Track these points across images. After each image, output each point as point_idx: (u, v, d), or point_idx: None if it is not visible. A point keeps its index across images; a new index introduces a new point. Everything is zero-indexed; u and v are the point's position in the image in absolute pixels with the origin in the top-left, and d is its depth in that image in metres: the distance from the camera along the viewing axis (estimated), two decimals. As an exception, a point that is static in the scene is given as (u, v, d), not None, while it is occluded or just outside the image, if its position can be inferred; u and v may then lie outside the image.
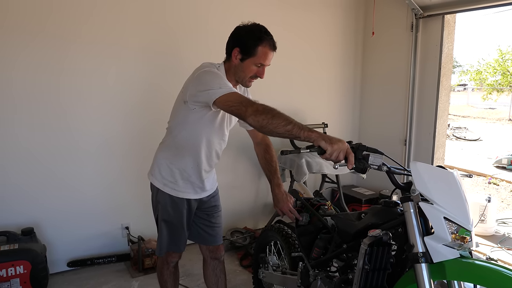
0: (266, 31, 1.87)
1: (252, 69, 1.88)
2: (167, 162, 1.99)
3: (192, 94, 1.82)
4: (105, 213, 3.11)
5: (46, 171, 2.85)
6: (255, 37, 1.84)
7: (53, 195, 2.89)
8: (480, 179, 6.97)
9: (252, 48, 1.84)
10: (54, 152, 2.87)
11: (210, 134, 1.96)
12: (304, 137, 1.48)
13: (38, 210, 2.85)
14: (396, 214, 1.50)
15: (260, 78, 1.93)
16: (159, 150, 2.07)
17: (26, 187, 2.80)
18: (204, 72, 1.82)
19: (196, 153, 1.96)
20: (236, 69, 1.91)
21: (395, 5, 3.87)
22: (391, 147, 4.10)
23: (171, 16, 3.17)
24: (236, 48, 1.87)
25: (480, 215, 3.97)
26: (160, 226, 2.04)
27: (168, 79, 3.16)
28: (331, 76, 4.21)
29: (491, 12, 26.54)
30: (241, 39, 1.87)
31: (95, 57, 2.92)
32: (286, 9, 3.73)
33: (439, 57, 3.66)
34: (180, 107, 1.93)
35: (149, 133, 3.11)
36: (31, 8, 2.65)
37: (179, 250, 2.10)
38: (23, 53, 2.68)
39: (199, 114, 1.87)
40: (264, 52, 1.85)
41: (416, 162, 1.37)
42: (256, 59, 1.85)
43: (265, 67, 1.91)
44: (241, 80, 1.94)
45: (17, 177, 2.77)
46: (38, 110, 2.78)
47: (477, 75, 20.20)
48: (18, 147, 2.75)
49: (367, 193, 4.09)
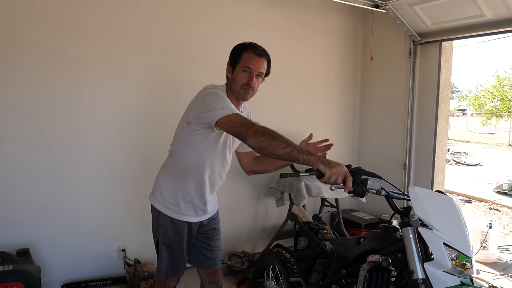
0: (253, 43, 1.97)
1: (242, 76, 1.91)
2: (170, 185, 1.99)
3: (195, 115, 1.84)
4: (102, 234, 3.07)
5: (43, 192, 2.84)
6: (240, 46, 1.97)
7: (49, 215, 2.87)
8: (481, 205, 6.92)
9: (237, 56, 1.94)
10: (51, 173, 2.86)
11: (213, 156, 1.96)
12: (303, 160, 1.49)
13: (34, 230, 2.82)
14: (395, 239, 1.49)
15: (251, 85, 1.91)
16: (161, 172, 2.06)
17: (23, 207, 2.78)
18: (207, 93, 1.85)
19: (199, 175, 1.96)
20: (231, 83, 1.97)
21: (393, 32, 3.95)
22: (390, 171, 4.09)
23: (175, 39, 3.22)
24: (228, 63, 1.99)
25: (481, 242, 3.92)
26: (160, 249, 2.02)
27: (170, 101, 3.18)
28: (330, 100, 4.24)
29: (487, 39, 27.02)
30: (231, 54, 1.99)
31: (98, 80, 2.95)
32: (287, 35, 3.80)
33: (437, 83, 3.70)
34: (184, 128, 1.95)
35: (148, 154, 3.12)
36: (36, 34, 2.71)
37: (178, 274, 2.07)
38: (26, 75, 2.72)
39: (203, 136, 1.89)
40: (248, 56, 1.91)
41: (415, 187, 1.37)
42: (242, 64, 1.91)
43: (254, 74, 1.91)
44: (236, 91, 1.95)
45: (14, 197, 2.75)
46: (35, 132, 2.79)
47: (475, 100, 20.40)
48: (16, 167, 2.75)
49: (367, 218, 4.05)
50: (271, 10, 3.68)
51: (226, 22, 3.45)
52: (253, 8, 3.59)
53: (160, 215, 1.99)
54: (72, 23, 2.83)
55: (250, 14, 3.58)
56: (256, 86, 1.96)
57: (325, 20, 4.08)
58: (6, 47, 2.65)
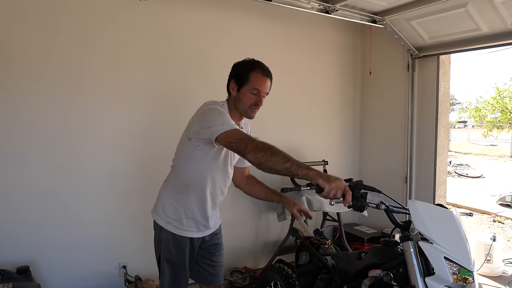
0: (260, 62, 1.98)
1: (250, 97, 1.93)
2: (172, 201, 1.99)
3: (196, 131, 1.86)
4: (102, 251, 3.05)
5: (44, 209, 2.82)
6: (246, 66, 1.96)
7: (49, 233, 2.84)
8: (484, 217, 6.87)
9: (244, 75, 1.93)
10: (52, 190, 2.85)
11: (214, 171, 1.97)
12: (302, 175, 1.49)
13: (34, 248, 2.79)
14: (396, 254, 1.48)
15: (260, 106, 1.96)
16: (163, 188, 2.07)
17: (23, 225, 2.76)
18: (208, 109, 1.87)
19: (201, 191, 1.97)
20: (235, 101, 1.97)
21: (391, 46, 3.99)
22: (391, 184, 4.08)
23: (176, 55, 3.26)
24: (232, 80, 1.97)
25: (485, 255, 3.88)
26: (162, 265, 2.01)
27: (171, 118, 3.20)
28: (330, 114, 4.27)
29: (485, 52, 27.23)
30: (235, 71, 1.99)
31: (99, 94, 2.98)
32: (287, 51, 3.84)
33: (436, 96, 3.72)
34: (185, 144, 1.96)
35: (149, 170, 3.13)
36: (37, 45, 2.75)
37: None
38: (33, 90, 2.75)
39: (203, 151, 1.89)
40: (256, 77, 1.92)
41: (414, 201, 1.37)
42: (250, 85, 1.92)
43: (262, 94, 1.94)
44: (243, 111, 1.97)
45: (14, 214, 2.74)
46: (34, 150, 2.79)
47: (476, 112, 20.43)
48: (16, 186, 2.74)
49: (369, 232, 4.02)
50: (271, 26, 3.74)
51: (228, 38, 3.50)
52: (254, 24, 3.64)
53: (162, 231, 1.99)
54: (72, 41, 2.87)
55: (250, 30, 3.63)
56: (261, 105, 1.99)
57: (324, 35, 4.13)
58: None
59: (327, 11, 3.24)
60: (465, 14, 3.03)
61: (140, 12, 3.06)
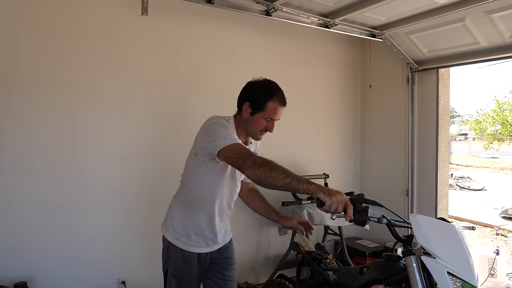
0: (277, 86, 1.93)
1: (262, 123, 1.91)
2: (181, 216, 1.97)
3: (201, 146, 1.85)
4: (101, 267, 3.00)
5: (42, 224, 2.80)
6: (265, 92, 1.89)
7: (47, 248, 2.81)
8: (487, 230, 6.81)
9: (262, 103, 1.88)
10: (50, 205, 2.82)
11: (222, 186, 1.96)
12: (303, 190, 1.48)
13: (32, 263, 2.76)
14: (399, 269, 1.46)
15: (270, 132, 1.95)
16: (173, 203, 2.06)
17: (20, 240, 2.73)
18: (212, 123, 1.86)
19: (209, 207, 1.95)
20: (246, 122, 1.94)
21: (391, 60, 4.02)
22: (393, 197, 4.06)
23: (177, 69, 3.28)
24: (247, 102, 1.91)
25: (489, 269, 3.84)
26: (169, 281, 1.97)
27: (174, 133, 3.22)
28: (331, 127, 4.28)
29: (484, 65, 27.42)
30: (252, 94, 1.91)
31: (103, 107, 2.98)
32: (288, 65, 3.87)
33: (436, 108, 3.74)
34: (192, 159, 1.95)
35: (152, 186, 3.14)
36: (40, 59, 2.78)
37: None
38: (41, 103, 2.77)
39: (209, 167, 1.87)
40: (274, 107, 1.89)
41: (416, 215, 1.36)
42: (266, 113, 1.88)
43: (274, 121, 1.93)
44: (251, 133, 1.97)
45: (12, 229, 2.71)
46: (35, 164, 2.78)
47: (476, 125, 20.46)
48: (15, 200, 2.72)
49: (371, 246, 3.99)
50: (271, 40, 3.78)
51: (229, 53, 3.54)
52: (254, 38, 3.68)
53: (171, 246, 1.97)
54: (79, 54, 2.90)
55: (251, 45, 3.66)
56: None
57: (324, 49, 4.16)
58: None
59: (327, 25, 3.28)
60: (463, 28, 3.06)
61: (142, 26, 3.09)
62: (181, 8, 3.19)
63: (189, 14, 3.29)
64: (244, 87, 1.98)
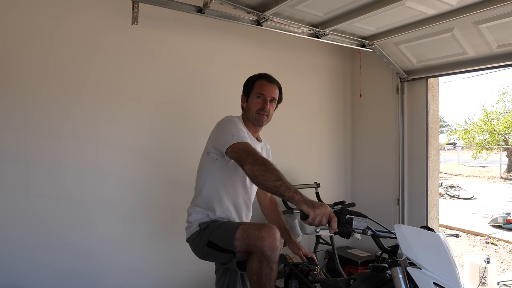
0: (263, 73, 2.19)
1: (256, 102, 2.09)
2: (202, 211, 2.02)
3: (213, 143, 1.94)
4: (86, 281, 2.89)
5: (23, 240, 2.70)
6: (252, 77, 2.18)
7: (32, 263, 2.71)
8: (477, 239, 6.85)
9: (250, 85, 2.14)
10: (32, 220, 2.72)
11: (236, 184, 2.01)
12: (288, 197, 1.50)
13: (18, 279, 2.66)
14: (385, 280, 1.45)
15: (266, 109, 2.09)
16: (191, 207, 2.09)
17: (13, 250, 2.65)
18: (224, 120, 2.02)
19: (226, 205, 1.99)
20: (246, 111, 2.14)
21: (381, 69, 4.06)
22: (384, 206, 4.06)
23: (171, 79, 3.26)
24: (242, 94, 2.19)
25: (480, 277, 3.84)
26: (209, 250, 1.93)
27: (163, 143, 3.21)
28: (321, 136, 4.28)
29: (472, 75, 27.88)
30: (244, 86, 2.20)
31: (88, 119, 2.95)
32: (279, 75, 3.78)
33: (426, 118, 3.77)
34: (205, 159, 2.04)
35: (149, 198, 3.12)
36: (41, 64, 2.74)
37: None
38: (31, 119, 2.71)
39: (221, 163, 1.94)
40: (260, 84, 2.11)
41: (400, 225, 1.36)
42: (255, 92, 2.10)
43: (267, 99, 2.09)
44: (252, 118, 2.10)
45: (4, 240, 2.64)
46: (24, 175, 2.72)
47: (465, 134, 20.73)
48: (13, 210, 2.65)
49: (363, 255, 3.97)
50: (261, 50, 3.79)
51: (220, 62, 3.54)
52: (244, 47, 3.69)
53: (198, 236, 1.97)
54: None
55: (241, 54, 3.67)
56: (270, 111, 2.13)
57: (314, 59, 4.19)
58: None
59: (317, 35, 3.30)
60: (452, 38, 3.11)
61: (132, 35, 3.07)
62: (172, 17, 3.19)
63: (180, 23, 3.29)
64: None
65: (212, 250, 1.87)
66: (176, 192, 3.21)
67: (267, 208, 2.34)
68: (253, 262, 1.71)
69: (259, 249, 1.66)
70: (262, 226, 1.72)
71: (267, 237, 1.66)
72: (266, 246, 1.65)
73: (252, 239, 1.71)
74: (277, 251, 1.68)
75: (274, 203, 2.34)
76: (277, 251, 1.68)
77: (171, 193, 3.22)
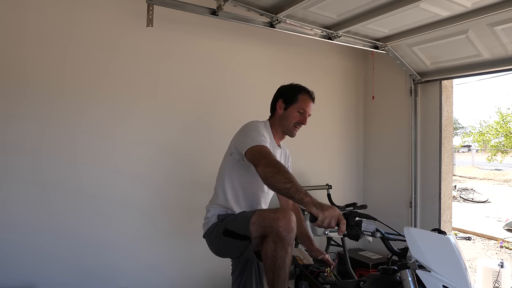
0: (304, 86, 2.22)
1: (295, 116, 2.13)
2: (220, 207, 2.06)
3: (237, 145, 1.97)
4: (102, 275, 2.97)
5: (34, 233, 2.76)
6: (295, 88, 2.19)
7: (42, 257, 2.77)
8: (492, 243, 6.74)
9: (293, 96, 2.14)
10: (44, 214, 2.79)
11: (254, 187, 2.05)
12: (298, 200, 1.52)
13: (27, 273, 2.72)
14: (395, 282, 1.46)
15: (304, 125, 2.17)
16: (210, 206, 2.13)
17: (22, 249, 2.71)
18: (248, 124, 2.06)
19: (241, 207, 2.04)
20: (281, 118, 2.15)
21: (394, 71, 4.03)
22: (397, 209, 4.04)
23: (185, 81, 3.30)
24: (280, 99, 2.17)
25: (493, 282, 3.80)
26: (226, 239, 1.96)
27: (178, 143, 3.26)
28: (334, 138, 4.28)
29: (487, 77, 27.44)
30: (284, 92, 2.20)
31: (103, 118, 3.01)
32: (292, 76, 3.80)
33: (439, 120, 3.73)
34: (227, 160, 2.07)
35: (157, 196, 3.16)
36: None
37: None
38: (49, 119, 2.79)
39: (245, 166, 1.96)
40: (304, 98, 2.15)
41: (409, 228, 1.36)
42: (298, 105, 2.13)
43: (307, 115, 2.15)
44: (286, 128, 2.14)
45: (16, 234, 2.71)
46: (37, 172, 2.77)
47: (480, 136, 20.39)
48: (17, 209, 2.71)
49: (374, 257, 3.95)
50: (274, 51, 3.81)
51: (236, 63, 3.58)
52: (257, 49, 3.72)
53: (215, 227, 2.01)
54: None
55: (257, 54, 3.70)
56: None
57: (326, 61, 4.19)
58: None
59: (330, 37, 3.30)
60: (466, 40, 3.08)
61: (147, 37, 3.12)
62: (186, 19, 3.23)
63: (194, 25, 3.33)
64: (277, 90, 2.26)
65: (228, 239, 1.90)
66: (193, 192, 3.26)
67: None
68: (268, 245, 1.72)
69: (275, 230, 1.68)
70: (277, 209, 1.80)
71: (282, 218, 1.69)
72: (281, 227, 1.67)
73: (267, 221, 1.73)
74: (292, 233, 1.69)
75: (297, 209, 2.34)
76: (292, 233, 1.69)
77: (188, 193, 3.27)
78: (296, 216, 2.30)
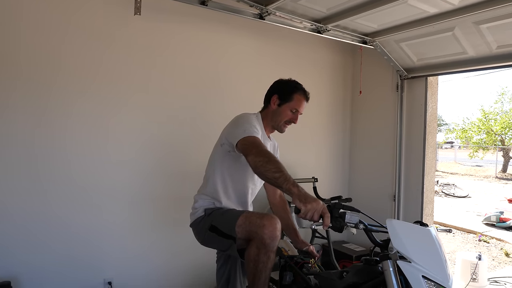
0: (301, 84, 2.20)
1: (288, 114, 2.13)
2: (208, 197, 2.07)
3: (227, 136, 1.98)
4: (86, 267, 2.95)
5: (25, 223, 2.73)
6: (292, 86, 2.16)
7: (32, 247, 2.75)
8: (470, 236, 6.92)
9: (289, 94, 2.13)
10: (36, 203, 2.76)
11: (244, 178, 2.06)
12: (286, 190, 1.54)
13: (16, 263, 2.70)
14: (377, 273, 1.49)
15: (294, 124, 2.17)
16: (198, 195, 2.13)
17: (5, 239, 2.67)
18: (240, 116, 2.05)
19: (230, 197, 2.06)
20: (273, 114, 2.15)
21: (381, 67, 4.07)
22: (381, 202, 4.11)
23: (171, 71, 3.27)
24: (275, 95, 2.15)
25: (471, 274, 3.91)
26: (211, 234, 1.98)
27: (166, 135, 3.24)
28: (320, 132, 4.31)
29: (471, 75, 27.89)
30: (280, 88, 2.17)
31: (95, 108, 2.97)
32: (280, 68, 3.87)
33: (424, 116, 3.79)
34: (217, 151, 2.07)
35: (144, 187, 3.16)
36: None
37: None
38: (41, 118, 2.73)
39: (234, 157, 1.98)
40: (299, 99, 2.13)
41: (391, 220, 1.39)
42: (292, 104, 2.12)
43: (298, 114, 2.15)
44: (276, 124, 2.15)
45: (9, 228, 2.67)
46: (30, 164, 2.74)
47: (462, 133, 20.76)
48: (12, 197, 2.68)
49: (358, 249, 4.03)
50: (262, 44, 3.80)
51: (224, 54, 3.57)
52: (249, 40, 3.71)
53: (202, 220, 2.02)
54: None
55: (246, 46, 3.69)
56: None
57: (315, 54, 4.20)
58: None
59: (319, 31, 3.31)
60: (452, 37, 3.12)
61: (135, 26, 3.07)
62: (174, 9, 3.18)
63: (182, 15, 3.29)
64: (273, 83, 2.23)
65: (214, 234, 1.93)
66: (181, 183, 3.26)
67: (277, 206, 2.39)
68: (251, 249, 1.76)
69: (259, 236, 1.71)
70: (264, 215, 1.79)
71: (268, 225, 1.71)
72: (266, 234, 1.70)
73: (253, 226, 1.76)
74: (276, 241, 1.73)
75: (283, 202, 2.38)
76: (276, 240, 1.72)
77: (176, 183, 3.27)
78: (282, 207, 2.33)
